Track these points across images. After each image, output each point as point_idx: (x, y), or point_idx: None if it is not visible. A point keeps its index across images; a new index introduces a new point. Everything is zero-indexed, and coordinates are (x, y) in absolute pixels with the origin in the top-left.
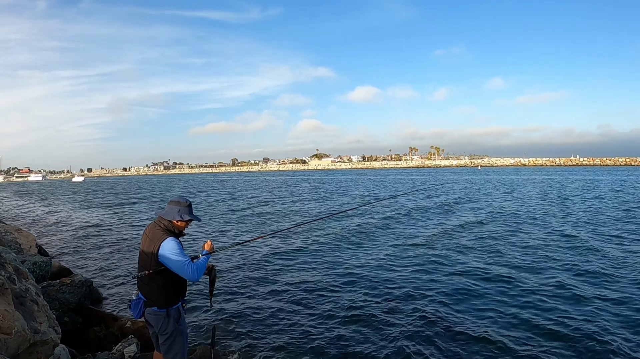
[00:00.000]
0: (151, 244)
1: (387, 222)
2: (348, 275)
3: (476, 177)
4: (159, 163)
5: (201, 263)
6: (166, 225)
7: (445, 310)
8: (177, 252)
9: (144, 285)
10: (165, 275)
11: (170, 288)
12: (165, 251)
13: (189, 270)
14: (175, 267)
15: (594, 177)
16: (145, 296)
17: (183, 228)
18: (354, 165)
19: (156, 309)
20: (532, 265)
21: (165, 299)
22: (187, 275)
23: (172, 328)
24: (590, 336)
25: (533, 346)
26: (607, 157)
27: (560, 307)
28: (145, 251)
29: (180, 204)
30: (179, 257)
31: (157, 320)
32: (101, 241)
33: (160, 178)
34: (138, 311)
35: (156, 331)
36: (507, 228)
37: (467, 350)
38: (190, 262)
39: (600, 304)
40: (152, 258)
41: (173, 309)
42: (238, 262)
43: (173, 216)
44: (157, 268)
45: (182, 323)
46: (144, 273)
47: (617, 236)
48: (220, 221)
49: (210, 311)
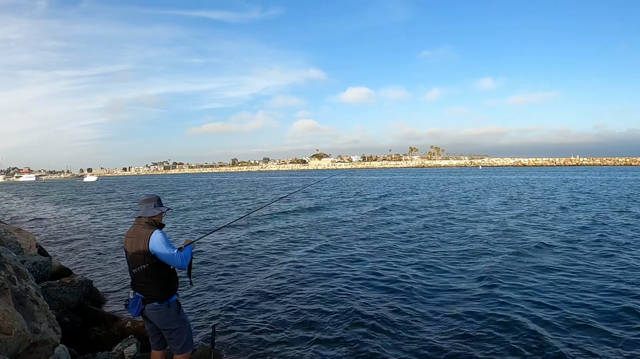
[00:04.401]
0: (139, 241)
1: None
2: (347, 269)
3: (498, 177)
4: (159, 163)
5: (186, 252)
6: (147, 221)
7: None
8: (166, 243)
9: (140, 282)
10: (160, 267)
11: (167, 278)
12: (155, 242)
13: (177, 258)
14: (165, 256)
15: (615, 177)
16: (143, 293)
17: (161, 220)
18: (354, 165)
19: (157, 304)
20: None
21: (164, 292)
22: (177, 263)
23: (175, 320)
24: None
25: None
26: (607, 157)
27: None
28: (135, 250)
29: (152, 200)
30: (169, 247)
31: (159, 315)
32: (101, 242)
33: (163, 178)
34: (137, 309)
35: (159, 326)
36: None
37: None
38: (179, 251)
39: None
40: (145, 253)
41: (172, 302)
42: (238, 261)
43: (152, 212)
44: (152, 261)
45: (182, 313)
46: (140, 268)
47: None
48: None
49: (210, 311)
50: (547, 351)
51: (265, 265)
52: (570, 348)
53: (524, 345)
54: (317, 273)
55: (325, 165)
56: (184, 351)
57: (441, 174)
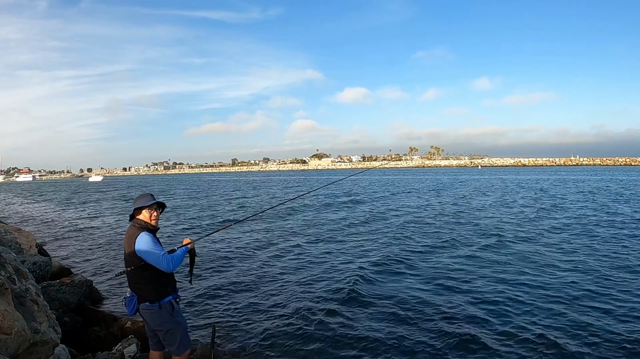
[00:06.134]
0: (129, 242)
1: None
2: (348, 267)
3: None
4: (159, 163)
5: (177, 255)
6: (139, 223)
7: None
8: (151, 245)
9: (133, 281)
10: (148, 269)
11: (157, 279)
12: (140, 245)
13: (163, 261)
14: (150, 259)
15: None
16: (136, 292)
17: (155, 222)
18: (354, 165)
19: (149, 304)
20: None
21: (155, 292)
22: (162, 266)
23: (167, 321)
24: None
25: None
26: (607, 157)
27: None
28: (126, 251)
29: (143, 197)
30: (154, 249)
31: (151, 315)
32: (102, 241)
33: (164, 178)
34: (132, 307)
35: (152, 326)
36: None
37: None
38: (166, 254)
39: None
40: (132, 255)
41: (165, 303)
42: (237, 261)
43: (136, 206)
44: (138, 264)
45: (177, 315)
46: (128, 268)
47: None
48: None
49: (210, 311)
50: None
51: (265, 266)
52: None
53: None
54: (317, 272)
55: (325, 165)
56: (180, 353)
57: (448, 174)
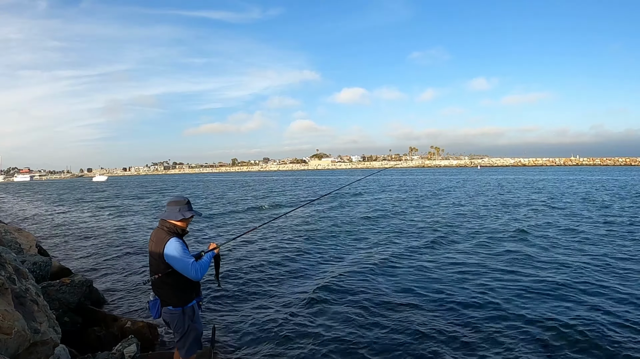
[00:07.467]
0: (157, 247)
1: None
2: (351, 270)
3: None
4: (159, 163)
5: (204, 262)
6: (169, 226)
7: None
8: (181, 253)
9: (157, 287)
10: (174, 276)
11: (183, 287)
12: (170, 252)
13: (192, 269)
14: (179, 267)
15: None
16: (160, 297)
17: (185, 227)
18: (354, 165)
19: (171, 308)
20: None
21: (179, 298)
22: (191, 275)
23: (186, 325)
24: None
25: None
26: (607, 157)
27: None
28: (153, 255)
29: (180, 203)
30: (184, 257)
31: (173, 318)
32: (102, 241)
33: (165, 178)
34: (156, 311)
35: (170, 327)
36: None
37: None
38: (195, 262)
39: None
40: (160, 261)
41: (188, 308)
42: (236, 261)
43: (175, 216)
44: (166, 270)
45: (197, 321)
46: (154, 277)
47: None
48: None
49: (210, 311)
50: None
51: (266, 265)
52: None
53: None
54: (318, 273)
55: (325, 165)
56: (186, 356)
57: (451, 174)
